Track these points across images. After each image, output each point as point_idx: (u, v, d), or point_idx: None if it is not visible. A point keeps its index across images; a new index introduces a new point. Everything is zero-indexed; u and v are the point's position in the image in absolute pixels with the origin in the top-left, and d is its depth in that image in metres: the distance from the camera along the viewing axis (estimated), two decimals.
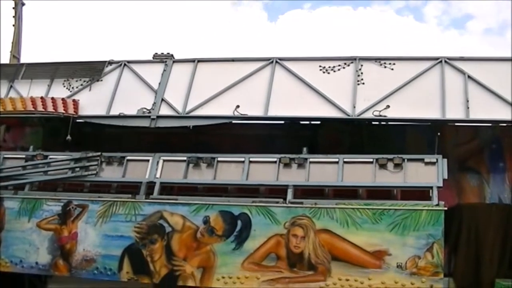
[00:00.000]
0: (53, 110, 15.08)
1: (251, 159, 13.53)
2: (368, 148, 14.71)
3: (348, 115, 13.74)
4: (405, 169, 12.71)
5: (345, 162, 13.06)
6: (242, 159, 13.59)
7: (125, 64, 15.73)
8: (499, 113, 13.23)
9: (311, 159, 13.25)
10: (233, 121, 14.54)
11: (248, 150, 14.91)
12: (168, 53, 15.62)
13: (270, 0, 38.16)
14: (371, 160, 12.94)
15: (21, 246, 13.72)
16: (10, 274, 13.93)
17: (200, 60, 15.30)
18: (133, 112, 14.76)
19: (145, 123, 14.62)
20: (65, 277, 13.61)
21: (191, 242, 12.84)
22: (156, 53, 15.71)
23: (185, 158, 13.84)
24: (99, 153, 14.30)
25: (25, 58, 18.22)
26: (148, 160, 13.98)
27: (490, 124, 14.22)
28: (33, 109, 15.21)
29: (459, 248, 12.84)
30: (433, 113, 13.45)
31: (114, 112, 14.94)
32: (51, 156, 14.72)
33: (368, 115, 13.70)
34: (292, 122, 15.06)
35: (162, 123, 14.60)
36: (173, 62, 15.46)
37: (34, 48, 18.03)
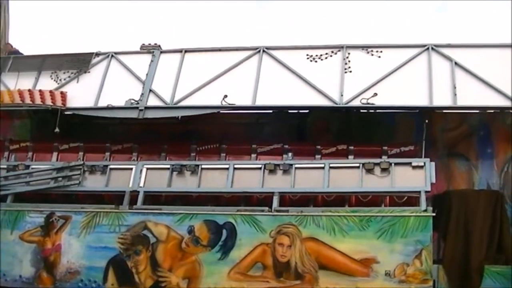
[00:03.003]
0: (41, 103, 14.55)
1: (235, 166, 13.01)
2: (356, 136, 14.35)
3: (336, 103, 13.27)
4: (393, 173, 12.23)
5: (331, 167, 12.55)
6: (227, 166, 13.11)
7: (112, 55, 15.18)
8: (487, 99, 12.86)
9: (296, 165, 12.76)
10: (221, 111, 14.16)
11: (237, 138, 14.61)
12: (155, 44, 15.11)
13: None
14: (358, 164, 12.48)
15: (4, 259, 13.11)
16: None
17: (187, 50, 14.79)
18: (121, 103, 14.26)
19: (133, 114, 14.13)
20: None
21: (176, 253, 12.33)
22: (144, 44, 15.18)
23: (168, 166, 13.33)
24: (81, 162, 13.75)
25: None
26: (131, 169, 13.49)
27: (478, 111, 13.92)
28: (20, 102, 14.68)
29: (448, 234, 12.43)
30: (420, 100, 13.06)
31: (102, 103, 14.41)
32: (33, 166, 14.12)
33: (356, 103, 13.24)
34: (280, 111, 14.72)
35: (150, 114, 14.10)
36: (161, 52, 14.94)
37: (21, 41, 17.79)
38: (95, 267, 12.67)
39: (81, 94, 14.82)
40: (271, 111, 14.83)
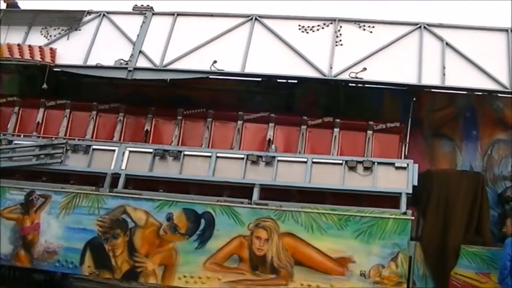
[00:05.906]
0: (30, 58, 14.15)
1: (218, 155, 12.75)
2: (344, 109, 14.08)
3: (325, 76, 12.99)
4: (375, 172, 12.01)
5: (313, 163, 12.30)
6: (209, 154, 12.83)
7: (104, 15, 14.69)
8: (475, 81, 12.67)
9: (279, 158, 12.51)
10: (210, 76, 13.86)
11: (224, 105, 14.27)
12: (147, 6, 14.67)
13: None
14: (341, 161, 12.24)
15: None
16: None
17: (179, 14, 14.35)
18: (111, 63, 13.88)
19: (122, 74, 13.79)
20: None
21: (154, 239, 12.13)
22: (136, 5, 14.75)
23: (151, 150, 13.01)
24: (64, 141, 13.43)
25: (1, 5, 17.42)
26: (114, 150, 13.22)
27: (465, 92, 13.64)
28: (9, 56, 14.33)
29: (427, 213, 12.23)
30: (409, 78, 12.80)
31: (91, 62, 14.03)
32: (15, 142, 13.78)
33: (345, 76, 12.96)
34: (269, 80, 14.36)
35: (139, 75, 13.76)
36: (153, 14, 14.49)
37: None
38: (72, 248, 12.45)
39: (70, 51, 14.39)
40: (259, 79, 14.47)
